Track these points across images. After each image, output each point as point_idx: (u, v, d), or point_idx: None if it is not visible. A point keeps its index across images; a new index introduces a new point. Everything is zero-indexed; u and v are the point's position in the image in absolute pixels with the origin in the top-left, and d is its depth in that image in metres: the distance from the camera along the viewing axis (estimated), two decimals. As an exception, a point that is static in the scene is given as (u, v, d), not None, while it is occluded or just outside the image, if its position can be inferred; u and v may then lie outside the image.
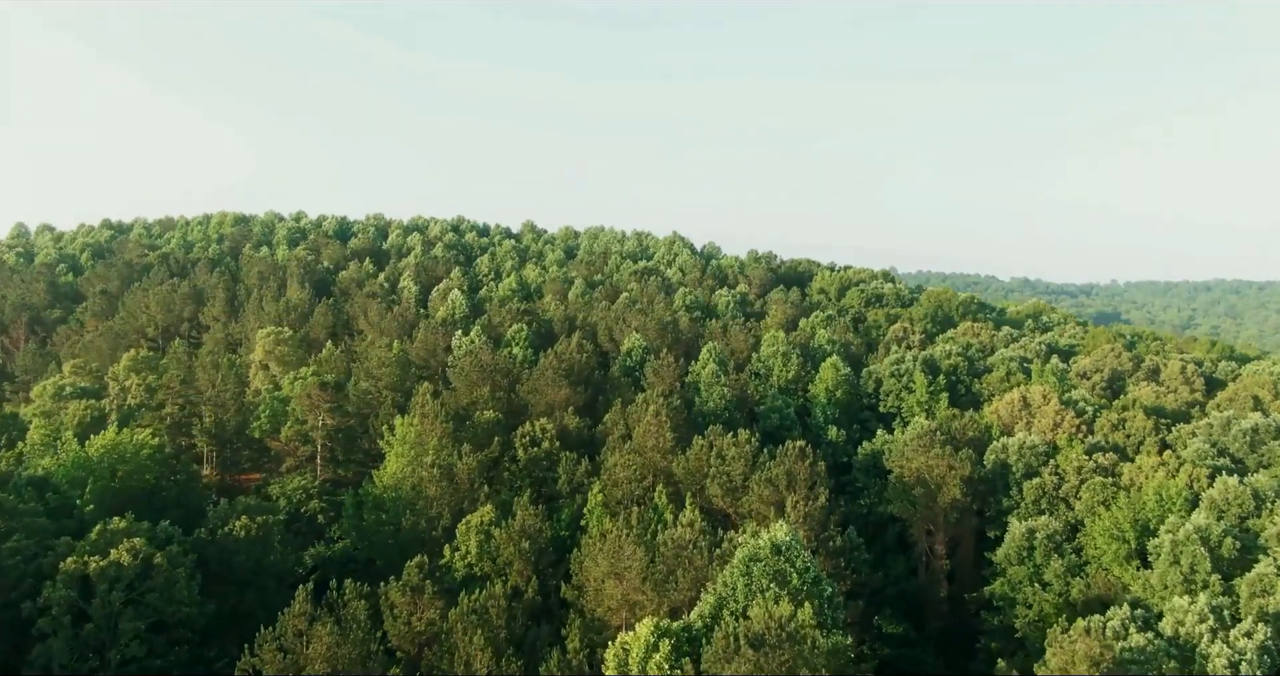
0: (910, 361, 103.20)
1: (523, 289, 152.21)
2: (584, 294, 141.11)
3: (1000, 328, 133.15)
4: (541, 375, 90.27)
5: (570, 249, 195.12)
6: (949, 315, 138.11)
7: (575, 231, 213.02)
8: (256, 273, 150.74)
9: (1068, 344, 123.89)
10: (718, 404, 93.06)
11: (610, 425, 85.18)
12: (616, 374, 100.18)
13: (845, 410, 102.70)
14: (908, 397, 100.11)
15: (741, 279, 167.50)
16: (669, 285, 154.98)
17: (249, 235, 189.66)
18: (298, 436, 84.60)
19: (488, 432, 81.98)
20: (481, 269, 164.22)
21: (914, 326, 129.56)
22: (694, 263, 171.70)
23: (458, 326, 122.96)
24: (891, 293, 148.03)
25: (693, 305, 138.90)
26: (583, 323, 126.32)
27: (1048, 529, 67.02)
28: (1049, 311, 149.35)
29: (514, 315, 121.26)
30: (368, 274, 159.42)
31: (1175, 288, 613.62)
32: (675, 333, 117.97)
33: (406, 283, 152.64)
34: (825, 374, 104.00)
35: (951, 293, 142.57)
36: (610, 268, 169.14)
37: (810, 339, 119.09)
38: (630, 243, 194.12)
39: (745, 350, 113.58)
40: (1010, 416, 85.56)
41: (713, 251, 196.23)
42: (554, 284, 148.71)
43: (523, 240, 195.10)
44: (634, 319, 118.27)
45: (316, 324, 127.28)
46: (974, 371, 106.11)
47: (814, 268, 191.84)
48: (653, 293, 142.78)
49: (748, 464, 72.94)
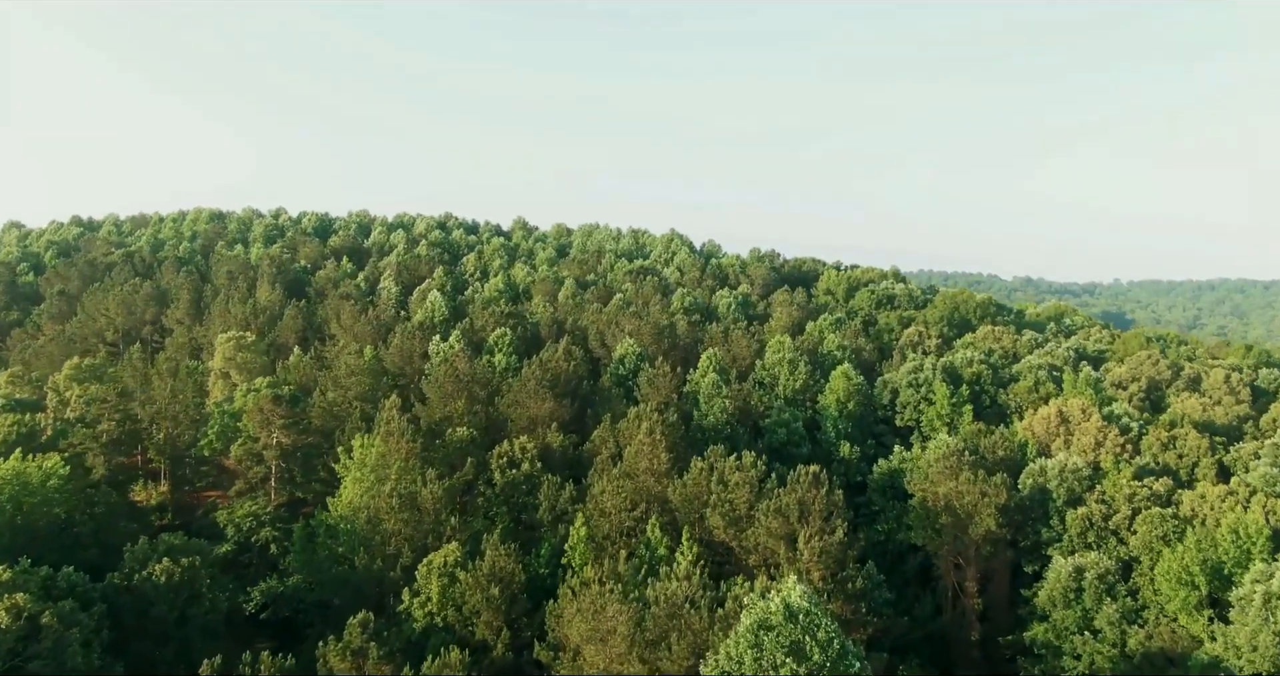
0: (929, 369, 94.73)
1: (510, 289, 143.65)
2: (575, 295, 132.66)
3: (1021, 331, 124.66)
4: (523, 386, 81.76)
5: (563, 247, 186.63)
6: (966, 318, 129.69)
7: (568, 229, 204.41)
8: (225, 272, 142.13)
9: (1096, 349, 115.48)
10: (718, 418, 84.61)
11: (599, 443, 76.74)
12: (607, 384, 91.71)
13: (858, 423, 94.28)
14: (928, 410, 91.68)
15: (743, 279, 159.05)
16: (666, 286, 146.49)
17: (223, 233, 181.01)
18: (249, 455, 76.03)
19: (461, 452, 73.53)
20: (467, 268, 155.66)
21: (929, 330, 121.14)
22: (693, 262, 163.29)
23: (436, 330, 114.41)
24: (904, 294, 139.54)
25: (691, 307, 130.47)
26: (572, 326, 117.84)
27: (1099, 567, 58.61)
28: (1071, 313, 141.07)
29: (497, 318, 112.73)
30: (345, 274, 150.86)
31: (1179, 287, 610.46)
32: (672, 337, 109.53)
33: (386, 283, 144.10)
34: (836, 383, 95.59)
35: (969, 294, 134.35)
36: (604, 267, 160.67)
37: (818, 344, 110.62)
38: (626, 241, 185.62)
39: (748, 357, 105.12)
40: (1046, 433, 77.12)
41: (712, 250, 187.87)
42: (543, 284, 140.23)
43: (513, 238, 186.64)
44: (628, 322, 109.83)
45: (285, 328, 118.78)
46: (999, 380, 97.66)
47: (819, 267, 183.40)
48: (649, 294, 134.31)
49: (753, 491, 64.51)
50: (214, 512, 75.59)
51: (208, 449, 78.58)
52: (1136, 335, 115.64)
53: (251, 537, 73.72)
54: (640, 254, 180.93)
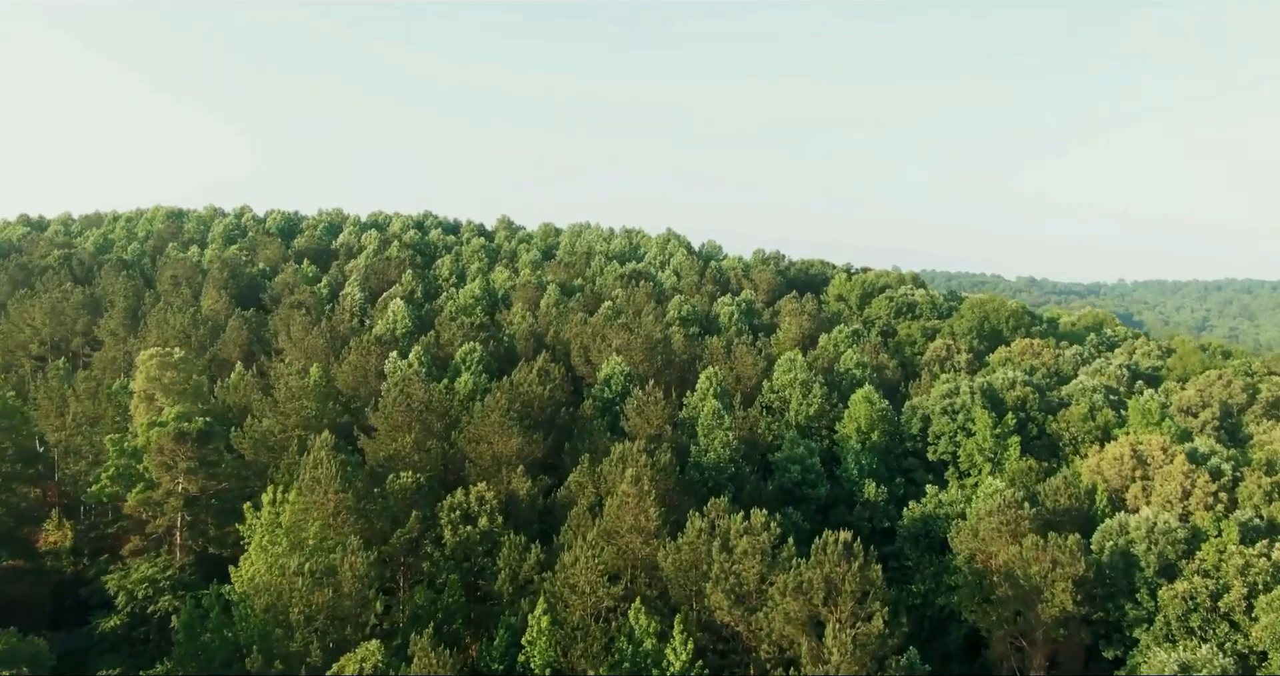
0: (966, 393, 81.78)
1: (488, 296, 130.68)
2: (559, 303, 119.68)
3: (1060, 343, 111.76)
4: (485, 418, 68.74)
5: (549, 249, 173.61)
6: (997, 329, 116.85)
7: (556, 228, 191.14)
8: (169, 277, 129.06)
9: (1150, 367, 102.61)
10: (720, 454, 71.65)
11: (575, 490, 63.78)
12: (589, 411, 78.70)
13: (884, 457, 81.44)
14: (966, 442, 78.75)
15: (745, 283, 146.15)
16: (661, 292, 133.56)
17: (178, 233, 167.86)
18: (148, 505, 63.00)
19: (405, 503, 60.54)
20: (441, 272, 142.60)
21: (958, 343, 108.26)
22: (691, 265, 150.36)
23: (398, 345, 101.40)
24: (925, 301, 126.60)
25: (689, 317, 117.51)
26: (553, 340, 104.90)
27: (1213, 666, 45.55)
28: (1111, 323, 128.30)
29: (466, 331, 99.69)
30: (307, 278, 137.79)
31: (1185, 287, 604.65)
32: (667, 353, 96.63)
33: (350, 289, 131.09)
34: (857, 409, 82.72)
35: (999, 301, 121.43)
36: (593, 271, 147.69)
37: (834, 361, 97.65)
38: (618, 241, 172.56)
39: (754, 376, 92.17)
40: (1119, 477, 64.17)
41: (712, 251, 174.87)
42: (524, 290, 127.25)
43: (495, 238, 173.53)
44: (616, 336, 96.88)
45: (229, 341, 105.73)
46: (1047, 406, 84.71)
47: (828, 270, 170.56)
48: (641, 301, 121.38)
49: (765, 559, 51.61)
50: (105, 575, 62.51)
51: (100, 494, 65.52)
52: (1194, 350, 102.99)
53: (148, 607, 60.69)
54: (634, 256, 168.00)
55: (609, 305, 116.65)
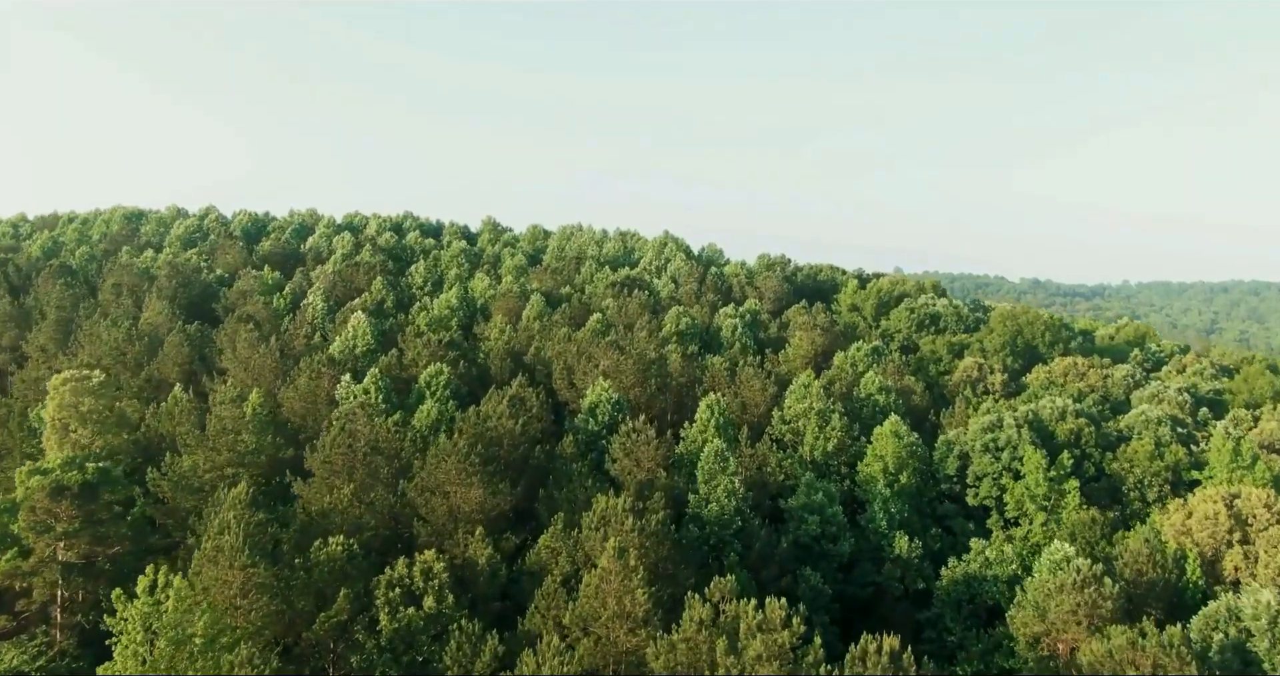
0: (1011, 427, 70.58)
1: (465, 306, 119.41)
2: (542, 315, 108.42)
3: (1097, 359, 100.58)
4: (441, 463, 57.44)
5: (537, 252, 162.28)
6: (1032, 344, 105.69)
7: (545, 230, 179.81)
8: (112, 285, 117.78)
9: (1211, 390, 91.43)
10: (724, 505, 60.43)
11: (547, 558, 52.53)
12: (569, 449, 67.39)
13: (915, 502, 70.25)
14: (1014, 486, 67.57)
15: (749, 292, 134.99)
16: (657, 301, 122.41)
17: (134, 236, 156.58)
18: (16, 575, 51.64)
19: (334, 576, 49.29)
20: (415, 280, 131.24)
21: (990, 362, 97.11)
22: (689, 271, 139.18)
23: (357, 365, 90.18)
24: (949, 312, 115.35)
25: (688, 331, 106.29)
26: (534, 359, 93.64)
27: None
28: (1153, 336, 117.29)
29: (433, 350, 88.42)
30: (266, 286, 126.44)
31: (1190, 289, 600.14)
32: (662, 375, 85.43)
33: (313, 299, 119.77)
34: (883, 444, 71.58)
35: (1032, 312, 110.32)
36: (583, 277, 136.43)
37: (853, 384, 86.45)
38: (611, 245, 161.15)
39: (762, 403, 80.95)
40: (1213, 539, 52.94)
41: (713, 256, 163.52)
42: (505, 300, 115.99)
43: (478, 242, 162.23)
44: (605, 355, 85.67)
45: (167, 359, 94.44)
46: (1104, 440, 73.52)
47: (837, 276, 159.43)
48: (634, 313, 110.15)
49: (786, 666, 40.32)
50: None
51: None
52: (1261, 370, 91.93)
53: (16, 706, 49.37)
54: (627, 261, 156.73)
55: (598, 318, 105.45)
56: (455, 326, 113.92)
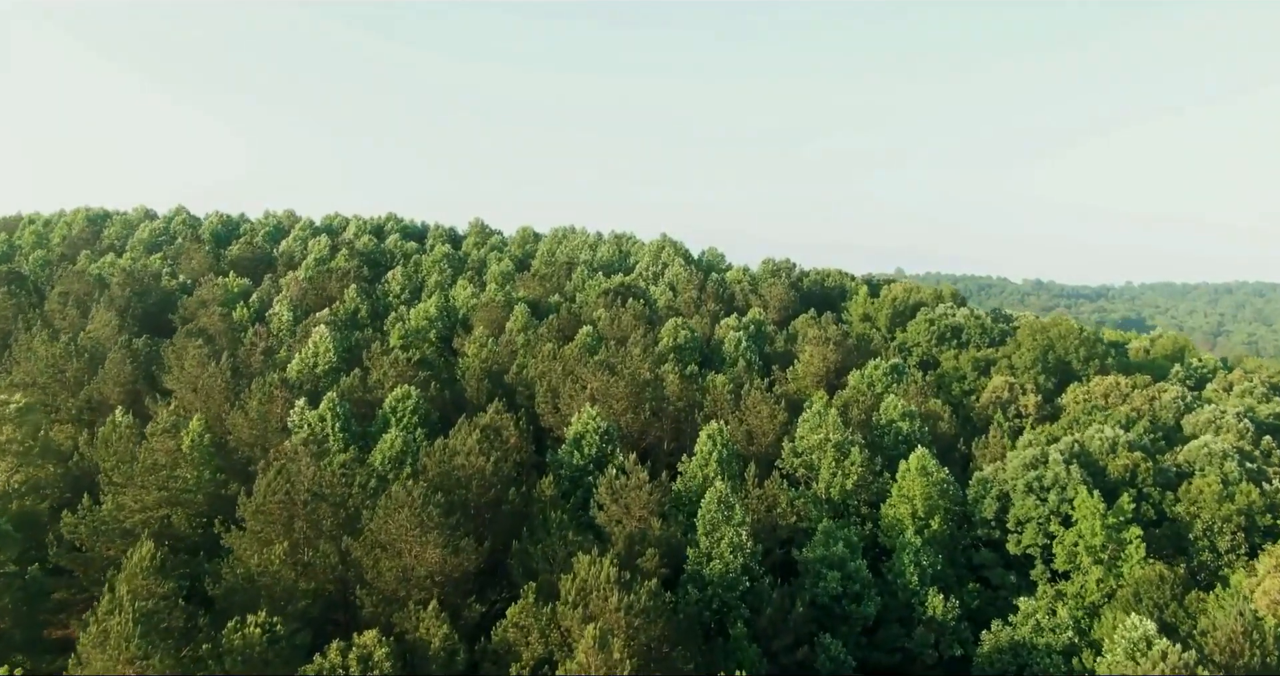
0: (1059, 463, 61.84)
1: (446, 317, 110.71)
2: (527, 327, 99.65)
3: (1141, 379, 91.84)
4: (392, 515, 48.65)
5: (526, 257, 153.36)
6: (1065, 360, 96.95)
7: (535, 233, 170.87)
8: (59, 294, 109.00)
9: (1271, 414, 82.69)
10: (729, 562, 51.77)
11: (515, 638, 43.72)
12: (548, 490, 58.58)
13: (948, 551, 61.53)
14: (1065, 534, 58.83)
15: (753, 300, 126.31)
16: (653, 312, 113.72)
17: (96, 239, 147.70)
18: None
19: (252, 666, 40.51)
20: (392, 287, 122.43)
21: (1021, 380, 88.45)
22: (689, 277, 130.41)
23: (319, 385, 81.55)
24: (972, 324, 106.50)
25: (687, 346, 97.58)
26: (515, 379, 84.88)
27: None
28: (1191, 350, 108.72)
29: (401, 369, 79.68)
30: (231, 294, 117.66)
31: (1194, 290, 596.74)
32: (658, 398, 76.70)
33: (279, 308, 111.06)
34: (910, 483, 62.89)
35: (1065, 324, 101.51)
36: (573, 284, 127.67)
37: (873, 408, 77.76)
38: (605, 249, 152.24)
39: (771, 433, 72.20)
40: (1318, 615, 44.15)
41: (714, 261, 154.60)
42: (488, 311, 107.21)
43: (464, 245, 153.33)
44: (593, 376, 76.89)
45: (108, 378, 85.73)
46: (1163, 478, 64.80)
47: (846, 282, 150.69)
48: (628, 325, 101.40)
49: None
50: None
51: None
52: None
53: None
54: (623, 266, 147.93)
55: (588, 332, 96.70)
56: (433, 339, 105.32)
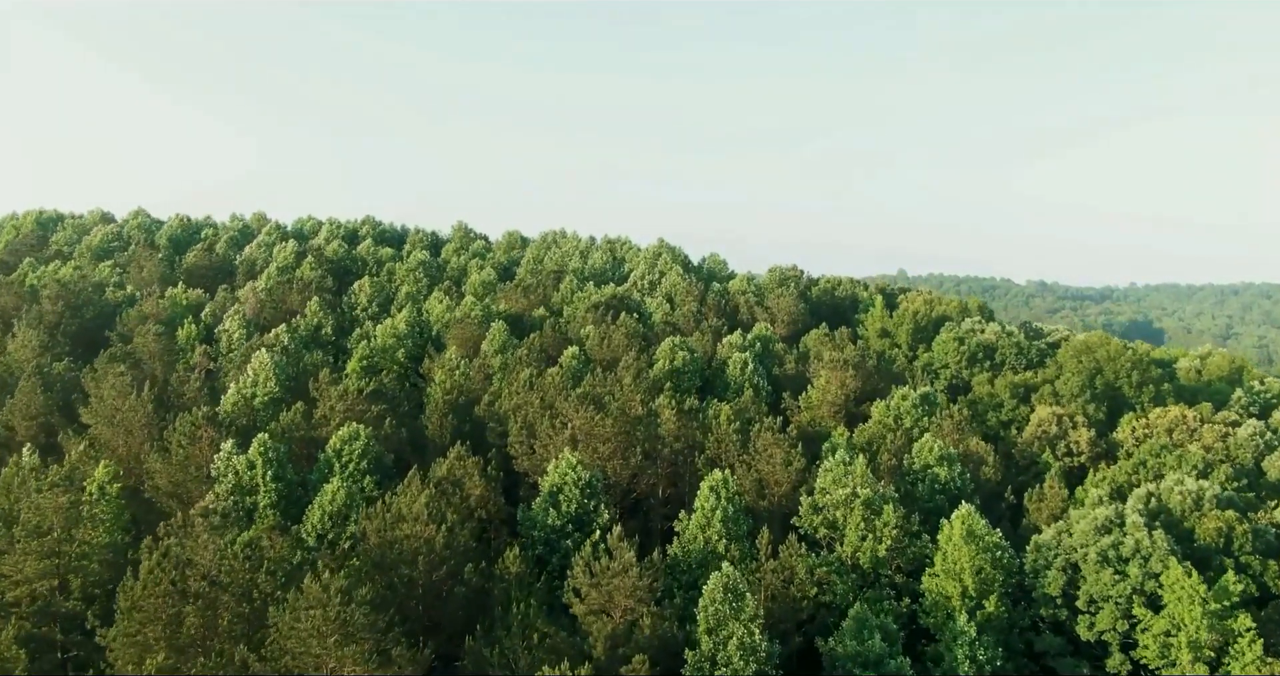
0: (1139, 529, 51.01)
1: (417, 333, 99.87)
2: (505, 348, 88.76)
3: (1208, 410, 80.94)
4: (304, 616, 37.70)
5: (512, 263, 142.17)
6: (1114, 385, 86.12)
7: (523, 238, 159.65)
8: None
9: (1365, 453, 71.83)
10: (737, 669, 40.89)
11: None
12: (512, 567, 47.63)
13: (1004, 634, 50.62)
14: (1152, 620, 47.90)
15: (759, 313, 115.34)
16: (648, 328, 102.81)
17: (43, 244, 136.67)
18: None
19: None
20: (359, 299, 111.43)
21: (1069, 410, 77.65)
22: (688, 288, 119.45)
23: (257, 419, 70.71)
24: (1006, 343, 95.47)
25: (685, 369, 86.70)
26: (487, 412, 73.97)
27: None
28: (1250, 371, 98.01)
29: (350, 403, 68.76)
30: (181, 308, 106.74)
31: (1200, 291, 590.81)
32: (651, 436, 65.87)
33: (230, 325, 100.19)
34: (955, 550, 52.07)
35: (1114, 345, 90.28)
36: (561, 296, 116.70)
37: (903, 451, 66.87)
38: (597, 256, 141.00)
39: (785, 482, 61.26)
40: None
41: (715, 268, 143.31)
42: (463, 327, 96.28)
43: (444, 252, 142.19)
44: (576, 411, 66.01)
45: (15, 410, 75.06)
46: (1261, 543, 53.93)
47: (858, 291, 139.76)
48: (619, 344, 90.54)
49: None
50: None
51: None
52: None
53: None
54: (616, 275, 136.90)
55: (573, 353, 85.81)
56: (401, 359, 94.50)
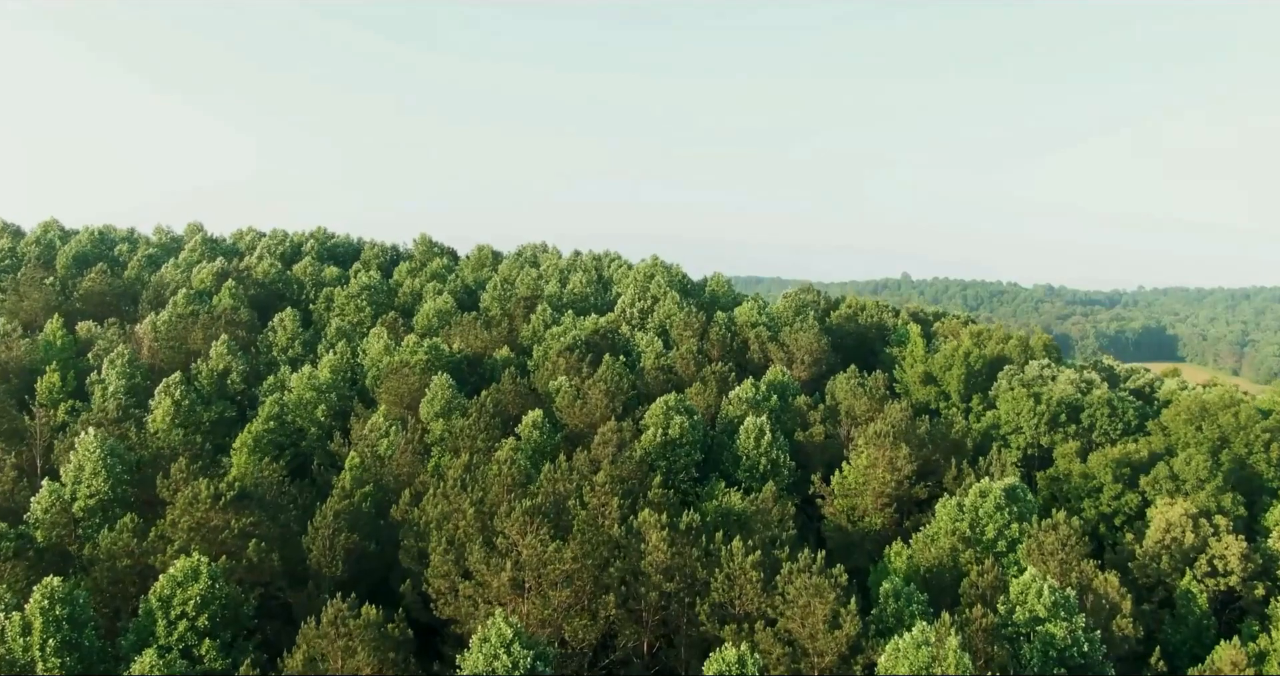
0: None
1: (344, 382, 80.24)
2: (447, 410, 68.98)
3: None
4: None
5: (479, 285, 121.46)
6: (1246, 458, 66.38)
7: (495, 253, 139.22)
8: None
9: None
10: None
11: None
12: None
13: None
14: None
15: (774, 351, 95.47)
16: (637, 377, 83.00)
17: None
18: None
19: None
20: (277, 337, 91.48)
21: (1197, 500, 57.99)
22: (687, 319, 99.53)
23: (64, 540, 51.02)
24: (1098, 404, 75.23)
25: (683, 442, 66.85)
26: (406, 515, 54.03)
27: None
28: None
29: (202, 515, 48.90)
30: (58, 350, 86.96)
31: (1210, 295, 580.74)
32: (632, 569, 46.06)
33: (109, 375, 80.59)
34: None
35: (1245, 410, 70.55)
36: (531, 329, 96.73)
37: (996, 587, 47.12)
38: (578, 278, 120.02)
39: (831, 655, 41.40)
40: None
41: (718, 293, 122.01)
42: (400, 378, 76.49)
43: (396, 273, 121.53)
44: (525, 538, 46.14)
45: None
46: None
47: (885, 317, 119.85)
48: (597, 407, 70.74)
49: None
50: None
51: None
52: None
53: None
54: (601, 300, 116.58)
55: (534, 421, 66.02)
56: (323, 418, 74.97)
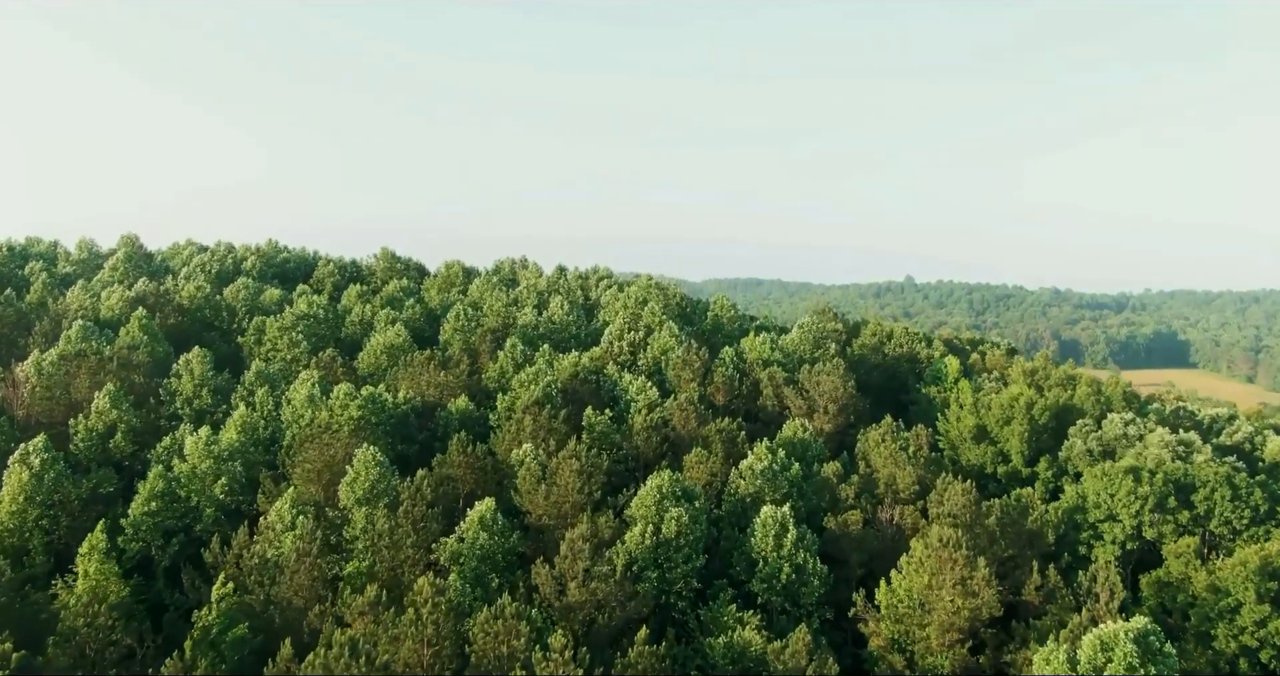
0: None
1: (259, 448, 64.55)
2: (374, 493, 53.33)
3: None
4: None
5: (444, 309, 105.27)
6: None
7: (466, 269, 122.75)
8: None
9: None
10: None
11: None
12: None
13: None
14: None
15: (791, 399, 79.76)
16: (623, 436, 67.28)
17: None
18: None
19: None
20: (182, 386, 75.44)
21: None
22: (686, 357, 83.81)
23: None
24: (1217, 481, 59.49)
25: (683, 542, 51.20)
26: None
27: None
28: None
29: None
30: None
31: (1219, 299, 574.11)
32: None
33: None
34: None
35: None
36: (498, 369, 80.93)
37: None
38: (558, 304, 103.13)
39: None
40: None
41: (722, 318, 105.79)
42: (320, 446, 60.68)
43: (345, 297, 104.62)
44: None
45: None
46: None
47: (916, 347, 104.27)
48: (569, 489, 54.96)
49: None
50: None
51: None
52: None
53: None
54: (584, 330, 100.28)
55: (483, 513, 50.30)
56: (221, 495, 59.31)
